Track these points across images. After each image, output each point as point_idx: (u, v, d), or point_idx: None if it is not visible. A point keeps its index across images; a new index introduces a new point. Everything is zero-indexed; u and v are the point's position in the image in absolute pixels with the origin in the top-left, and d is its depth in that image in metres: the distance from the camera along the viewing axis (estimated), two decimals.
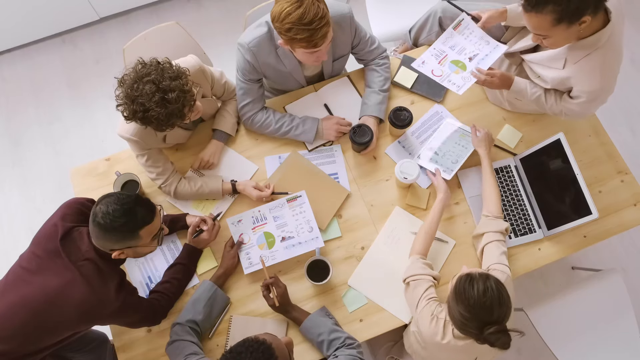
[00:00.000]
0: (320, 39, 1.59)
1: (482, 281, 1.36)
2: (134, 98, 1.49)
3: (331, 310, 1.76)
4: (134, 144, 1.72)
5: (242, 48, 1.80)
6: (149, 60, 1.55)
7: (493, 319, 1.33)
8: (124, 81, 1.53)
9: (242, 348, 1.24)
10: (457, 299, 1.38)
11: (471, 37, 1.97)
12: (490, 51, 1.93)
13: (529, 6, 1.50)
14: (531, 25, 1.57)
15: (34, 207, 2.78)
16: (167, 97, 1.49)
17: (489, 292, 1.34)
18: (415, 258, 1.68)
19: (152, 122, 1.52)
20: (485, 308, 1.33)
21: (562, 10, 1.46)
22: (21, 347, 1.45)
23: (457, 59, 1.95)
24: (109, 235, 1.39)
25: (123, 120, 1.60)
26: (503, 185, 1.94)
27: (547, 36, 1.57)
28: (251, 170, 1.96)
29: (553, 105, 1.81)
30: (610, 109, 2.99)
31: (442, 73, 1.91)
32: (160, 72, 1.51)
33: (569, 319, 2.06)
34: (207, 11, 3.23)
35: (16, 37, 3.01)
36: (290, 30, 1.56)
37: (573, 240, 1.89)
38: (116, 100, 1.55)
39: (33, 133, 2.94)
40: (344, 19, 1.81)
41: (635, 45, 3.18)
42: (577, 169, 1.73)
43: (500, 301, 1.34)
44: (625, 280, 2.22)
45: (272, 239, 1.84)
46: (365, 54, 2.01)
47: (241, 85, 1.89)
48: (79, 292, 1.42)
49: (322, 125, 1.95)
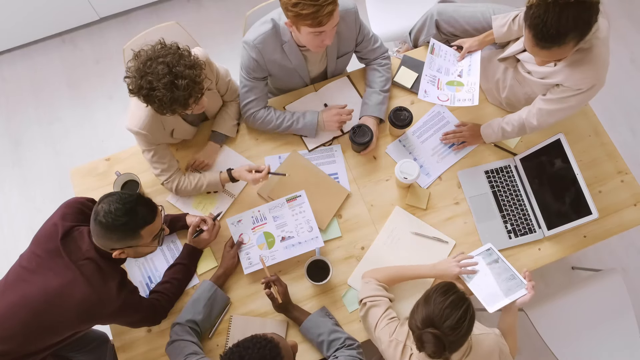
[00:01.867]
0: (325, 16, 1.56)
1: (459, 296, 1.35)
2: (143, 74, 1.50)
3: (331, 310, 1.76)
4: (142, 138, 1.72)
5: (247, 46, 1.79)
6: (170, 43, 1.56)
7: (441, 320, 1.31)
8: (139, 55, 1.53)
9: (249, 343, 1.25)
10: (426, 297, 1.38)
11: (448, 57, 2.05)
12: (470, 62, 2.00)
13: (548, 43, 1.44)
14: (551, 57, 1.52)
15: (34, 207, 2.78)
16: (176, 82, 1.49)
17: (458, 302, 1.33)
18: (370, 280, 1.66)
19: (155, 103, 1.53)
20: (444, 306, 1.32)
21: (583, 32, 1.43)
22: (21, 347, 1.45)
23: (450, 80, 1.99)
24: (110, 234, 1.39)
25: (132, 114, 1.60)
26: (503, 185, 1.94)
27: (564, 58, 1.54)
28: None
29: (530, 113, 1.80)
30: (610, 109, 2.99)
31: (448, 97, 1.93)
32: (177, 57, 1.51)
33: (569, 319, 2.06)
34: (207, 11, 3.23)
35: (16, 37, 3.01)
36: (297, 4, 1.54)
37: (573, 240, 1.89)
38: (126, 71, 1.55)
39: (33, 133, 2.94)
40: (348, 14, 1.81)
41: (635, 45, 3.18)
42: (577, 169, 1.74)
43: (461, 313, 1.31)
44: (625, 280, 2.22)
45: (272, 239, 1.84)
46: (367, 52, 2.01)
47: (245, 82, 1.89)
48: (80, 291, 1.42)
49: (322, 117, 1.95)
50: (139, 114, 1.68)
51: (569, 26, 1.39)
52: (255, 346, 1.23)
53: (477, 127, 1.97)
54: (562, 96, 1.69)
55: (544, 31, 1.41)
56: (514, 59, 1.89)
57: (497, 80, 1.99)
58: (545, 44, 1.45)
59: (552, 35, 1.41)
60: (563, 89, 1.67)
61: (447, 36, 2.15)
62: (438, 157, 2.00)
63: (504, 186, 1.94)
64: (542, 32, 1.42)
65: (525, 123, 1.83)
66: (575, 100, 1.67)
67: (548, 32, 1.41)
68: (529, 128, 1.83)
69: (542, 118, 1.77)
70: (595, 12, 1.41)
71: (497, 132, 1.91)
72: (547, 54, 1.49)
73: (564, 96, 1.68)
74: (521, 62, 1.85)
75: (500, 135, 1.91)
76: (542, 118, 1.77)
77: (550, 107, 1.73)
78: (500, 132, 1.90)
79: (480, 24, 2.03)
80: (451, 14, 2.08)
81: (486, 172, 1.96)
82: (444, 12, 2.10)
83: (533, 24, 1.43)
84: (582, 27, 1.42)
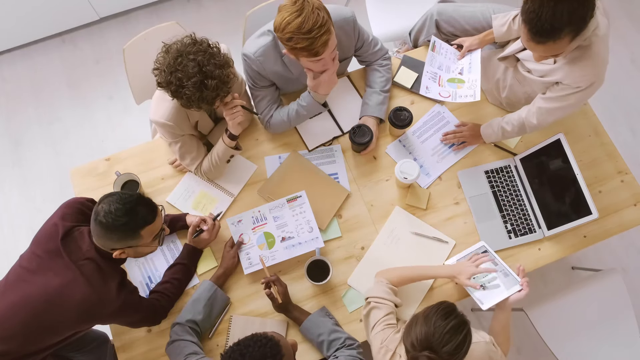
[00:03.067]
0: (320, 47, 1.58)
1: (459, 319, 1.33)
2: (173, 70, 1.50)
3: (331, 310, 1.76)
4: (167, 129, 1.72)
5: (248, 59, 1.78)
6: (200, 39, 1.55)
7: (440, 345, 1.29)
8: (170, 49, 1.53)
9: (250, 342, 1.25)
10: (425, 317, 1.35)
11: (448, 55, 2.05)
12: (470, 59, 2.01)
13: (543, 37, 1.44)
14: (547, 52, 1.51)
15: (34, 207, 2.78)
16: (206, 82, 1.50)
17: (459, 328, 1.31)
18: (382, 281, 1.65)
19: (182, 98, 1.54)
20: (442, 332, 1.30)
21: (578, 28, 1.43)
22: (22, 347, 1.45)
23: (451, 77, 2.00)
24: (111, 234, 1.39)
25: (157, 105, 1.60)
26: (503, 185, 1.94)
27: (561, 53, 1.53)
28: (250, 170, 1.96)
29: (529, 113, 1.80)
30: (610, 109, 2.99)
31: (449, 93, 1.94)
32: (208, 56, 1.51)
33: (569, 318, 2.06)
34: (207, 11, 3.23)
35: (16, 37, 3.01)
36: (290, 39, 1.57)
37: (573, 240, 1.89)
38: (154, 63, 1.55)
39: (33, 133, 2.94)
40: (347, 22, 1.81)
41: (635, 45, 3.18)
42: (577, 169, 1.74)
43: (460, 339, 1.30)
44: (625, 280, 2.21)
45: (272, 239, 1.84)
46: (368, 56, 2.01)
47: (255, 93, 1.89)
48: (80, 291, 1.42)
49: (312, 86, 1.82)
50: (164, 105, 1.68)
51: (563, 21, 1.39)
52: (256, 344, 1.24)
53: (477, 127, 1.97)
54: (561, 94, 1.68)
55: (538, 25, 1.42)
56: (513, 58, 1.89)
57: (497, 80, 1.99)
58: (540, 38, 1.45)
59: (547, 29, 1.42)
60: (562, 86, 1.67)
61: (447, 36, 2.15)
62: (438, 157, 2.00)
63: (504, 186, 1.94)
64: (537, 26, 1.42)
65: (525, 122, 1.82)
66: (575, 98, 1.67)
67: (543, 26, 1.41)
68: (529, 127, 1.83)
69: (542, 117, 1.77)
70: (590, 7, 1.41)
71: (497, 132, 1.91)
72: (543, 48, 1.49)
73: (564, 94, 1.68)
74: (521, 61, 1.85)
75: (501, 134, 1.91)
76: (541, 117, 1.77)
77: (549, 106, 1.73)
78: (501, 132, 1.90)
79: (480, 23, 2.03)
80: (451, 14, 2.08)
81: (486, 172, 1.96)
82: (444, 12, 2.10)
83: (528, 18, 1.43)
84: (577, 22, 1.41)
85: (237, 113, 1.69)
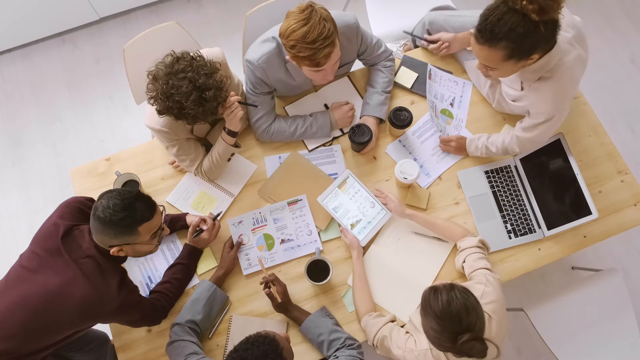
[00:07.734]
0: (322, 58, 1.59)
1: (446, 292, 1.34)
2: (169, 95, 1.49)
3: (331, 310, 1.76)
4: (163, 134, 1.72)
5: (251, 65, 1.78)
6: (180, 53, 1.54)
7: (463, 327, 1.30)
8: (157, 76, 1.52)
9: (247, 345, 1.26)
10: (425, 313, 1.37)
11: (442, 82, 2.08)
12: (462, 91, 2.06)
13: (482, 39, 1.48)
14: (481, 57, 1.55)
15: (34, 207, 2.78)
16: (204, 95, 1.50)
17: (453, 302, 1.31)
18: (366, 319, 1.67)
19: (187, 118, 1.54)
20: (452, 317, 1.30)
21: (515, 48, 1.45)
22: (22, 346, 1.45)
23: (444, 107, 2.04)
24: (108, 229, 1.38)
25: (150, 112, 1.59)
26: (503, 185, 1.94)
27: (495, 69, 1.56)
28: (250, 170, 1.96)
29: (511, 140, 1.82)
30: (610, 109, 2.99)
31: (441, 128, 1.99)
32: (195, 69, 1.51)
33: (569, 319, 2.06)
34: (207, 11, 3.23)
35: (16, 37, 3.01)
36: (294, 47, 1.58)
37: (573, 240, 1.89)
38: (146, 93, 1.54)
39: (33, 133, 2.94)
40: (350, 29, 1.81)
41: (635, 45, 3.18)
42: (577, 169, 1.74)
43: (467, 309, 1.31)
44: (625, 280, 2.22)
45: (272, 241, 1.84)
46: (372, 58, 2.01)
47: (253, 99, 1.88)
48: (80, 289, 1.42)
49: (334, 116, 1.96)
50: None
51: (502, 32, 1.42)
52: (253, 345, 1.25)
53: (463, 140, 1.97)
54: (532, 124, 1.72)
55: (483, 25, 1.46)
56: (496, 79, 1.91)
57: (487, 93, 2.01)
58: (480, 38, 1.49)
59: (488, 31, 1.45)
60: (533, 115, 1.71)
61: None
62: (438, 157, 2.00)
63: (503, 186, 1.94)
64: (482, 24, 1.46)
65: (508, 148, 1.86)
66: (542, 128, 1.71)
67: (485, 27, 1.45)
68: (512, 152, 1.87)
69: (522, 145, 1.81)
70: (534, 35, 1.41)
71: (481, 149, 1.93)
72: (479, 50, 1.52)
73: (534, 123, 1.71)
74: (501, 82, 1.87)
75: (484, 153, 1.93)
76: (521, 145, 1.81)
77: (526, 136, 1.77)
78: (485, 151, 1.92)
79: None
80: (442, 24, 2.08)
81: (486, 172, 1.96)
82: (435, 22, 2.11)
83: (481, 15, 1.47)
84: (515, 40, 1.43)
85: (236, 110, 1.69)
